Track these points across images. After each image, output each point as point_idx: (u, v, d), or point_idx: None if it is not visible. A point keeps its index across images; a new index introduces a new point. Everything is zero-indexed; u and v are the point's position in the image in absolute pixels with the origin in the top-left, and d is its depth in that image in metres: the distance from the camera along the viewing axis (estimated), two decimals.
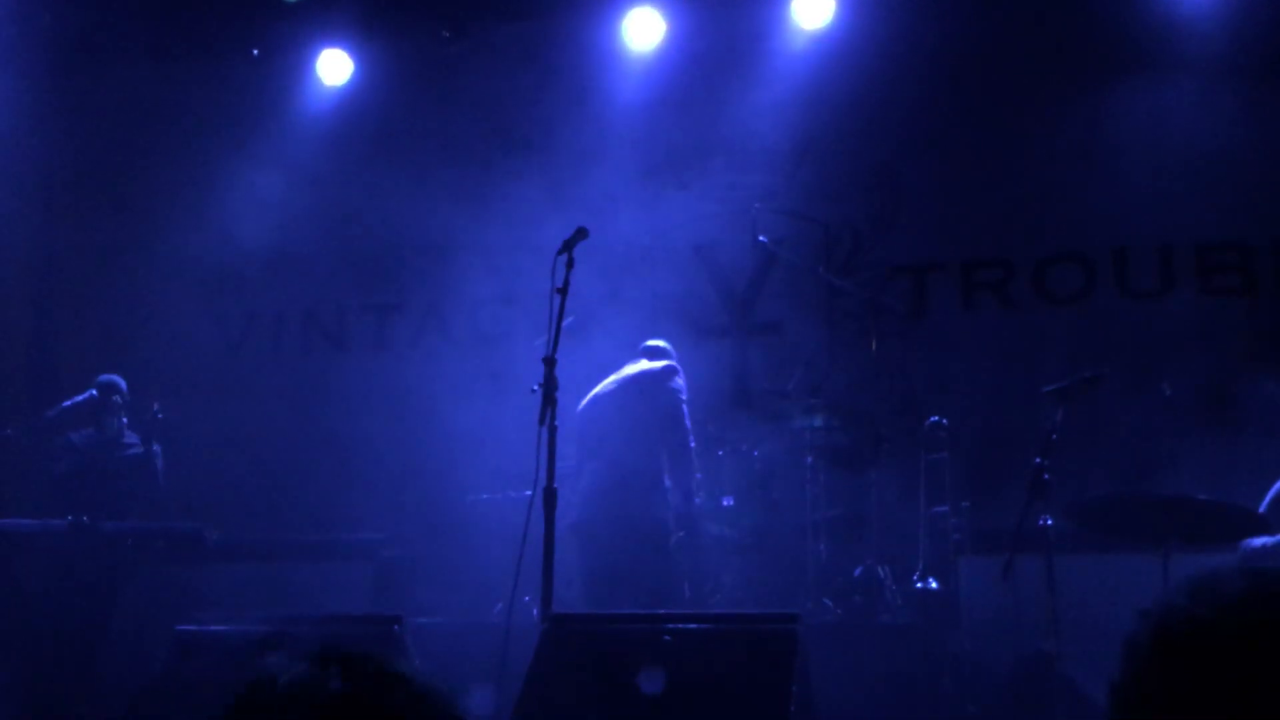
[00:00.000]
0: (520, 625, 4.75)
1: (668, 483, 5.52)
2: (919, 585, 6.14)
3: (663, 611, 3.68)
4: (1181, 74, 7.09)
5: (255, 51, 8.48)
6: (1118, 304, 7.31)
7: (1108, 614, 5.54)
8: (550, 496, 4.21)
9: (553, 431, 4.26)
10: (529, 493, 4.45)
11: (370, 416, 8.01)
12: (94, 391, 6.31)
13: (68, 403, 6.25)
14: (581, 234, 4.51)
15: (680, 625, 3.35)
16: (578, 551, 5.46)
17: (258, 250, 8.39)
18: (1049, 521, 4.67)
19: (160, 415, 6.42)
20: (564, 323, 4.58)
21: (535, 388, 4.35)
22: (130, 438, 6.67)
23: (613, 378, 5.84)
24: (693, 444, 5.65)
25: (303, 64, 8.47)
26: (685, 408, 5.66)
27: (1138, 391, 6.53)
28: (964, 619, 5.87)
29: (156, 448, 6.61)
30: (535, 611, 5.33)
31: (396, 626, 3.59)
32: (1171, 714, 1.26)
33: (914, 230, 7.73)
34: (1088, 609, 5.55)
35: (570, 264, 4.47)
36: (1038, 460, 4.63)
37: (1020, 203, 7.51)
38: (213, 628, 3.67)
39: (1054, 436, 4.64)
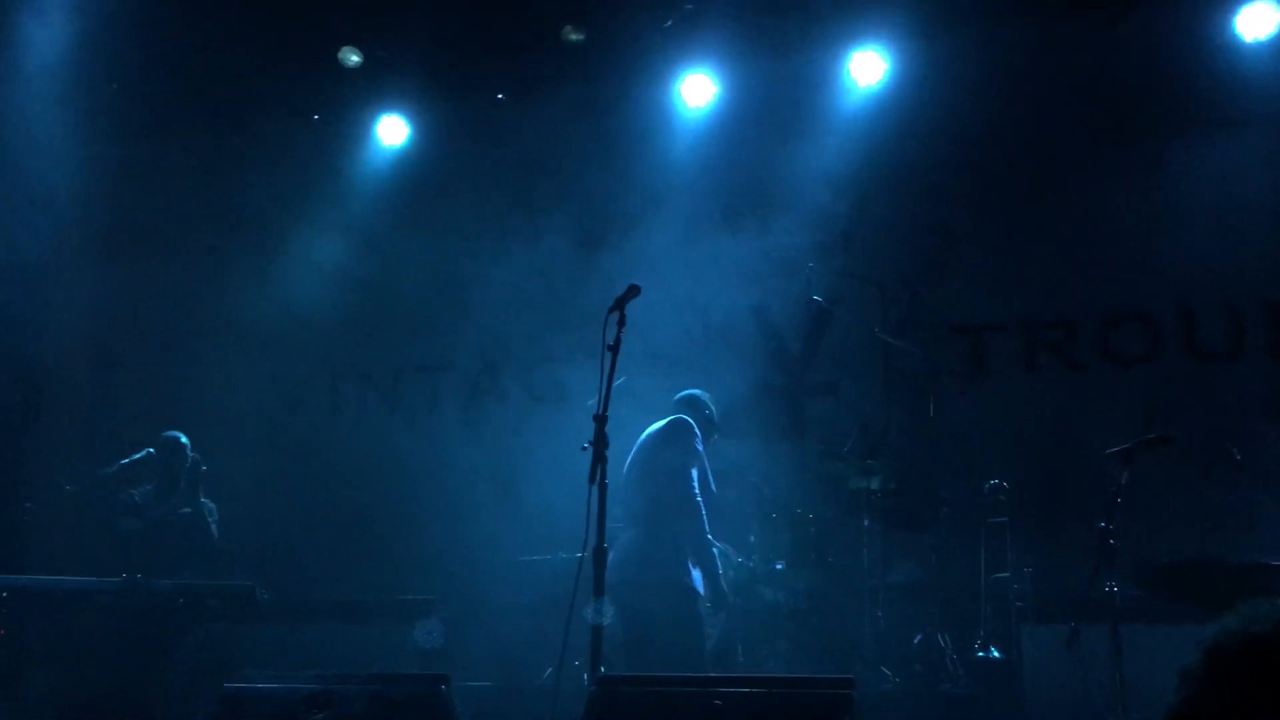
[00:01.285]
0: (569, 689, 4.67)
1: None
2: (980, 654, 5.96)
3: (713, 675, 3.59)
4: (1246, 127, 6.95)
5: (316, 116, 8.66)
6: (1186, 365, 7.12)
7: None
8: (600, 556, 4.14)
9: (603, 490, 4.19)
10: (580, 554, 4.38)
11: (423, 476, 8.02)
12: (151, 450, 6.38)
13: (125, 460, 6.32)
14: (633, 291, 4.47)
15: (731, 689, 3.25)
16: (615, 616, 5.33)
17: (316, 310, 8.51)
18: (1115, 588, 4.51)
19: (203, 468, 6.47)
20: (615, 382, 4.53)
21: (585, 446, 4.30)
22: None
23: (641, 437, 5.68)
24: (698, 502, 5.29)
25: (361, 128, 8.65)
26: (691, 466, 5.33)
27: (1207, 454, 6.34)
28: (1028, 690, 5.67)
29: (210, 504, 6.64)
30: (585, 676, 5.24)
31: (444, 686, 3.53)
32: None
33: (973, 289, 7.62)
34: (1157, 679, 5.30)
35: (622, 322, 4.43)
36: (1102, 525, 4.49)
37: (1082, 261, 7.38)
38: (260, 685, 3.63)
39: (1119, 500, 4.50)
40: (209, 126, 8.86)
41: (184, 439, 6.70)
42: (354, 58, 8.14)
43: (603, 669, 4.24)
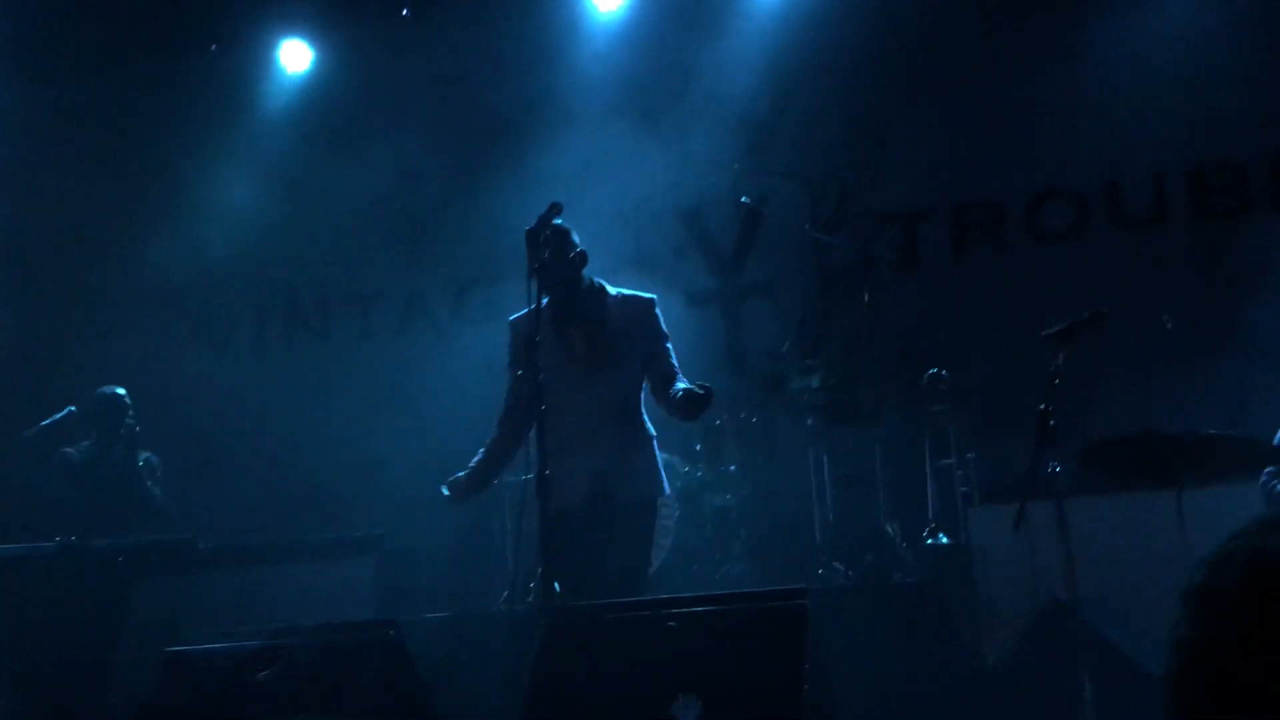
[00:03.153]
0: (524, 614, 4.65)
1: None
2: (930, 541, 6.03)
3: (665, 596, 3.57)
4: None
5: (213, 47, 8.30)
6: (1113, 237, 7.15)
7: (1124, 556, 5.45)
8: (544, 482, 4.07)
9: (540, 415, 4.11)
10: (525, 476, 4.31)
11: (361, 408, 7.89)
12: (73, 409, 6.15)
13: (46, 421, 6.10)
14: (555, 209, 4.33)
15: (684, 610, 3.23)
16: None
17: (235, 248, 8.24)
18: (1058, 467, 4.54)
19: (136, 427, 6.27)
20: (543, 303, 4.42)
21: (519, 371, 4.21)
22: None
23: None
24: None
25: (262, 55, 8.31)
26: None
27: (1139, 327, 6.39)
28: (978, 572, 5.77)
29: (153, 459, 6.46)
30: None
31: (393, 631, 3.47)
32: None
33: (901, 178, 7.56)
34: (1104, 553, 5.44)
35: (546, 241, 4.31)
36: (1042, 406, 4.50)
37: (1007, 141, 7.35)
38: (203, 647, 3.55)
39: (1057, 380, 4.50)
40: (102, 66, 8.48)
41: (121, 392, 6.44)
42: None
43: (557, 586, 4.20)
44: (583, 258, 4.52)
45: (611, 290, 4.64)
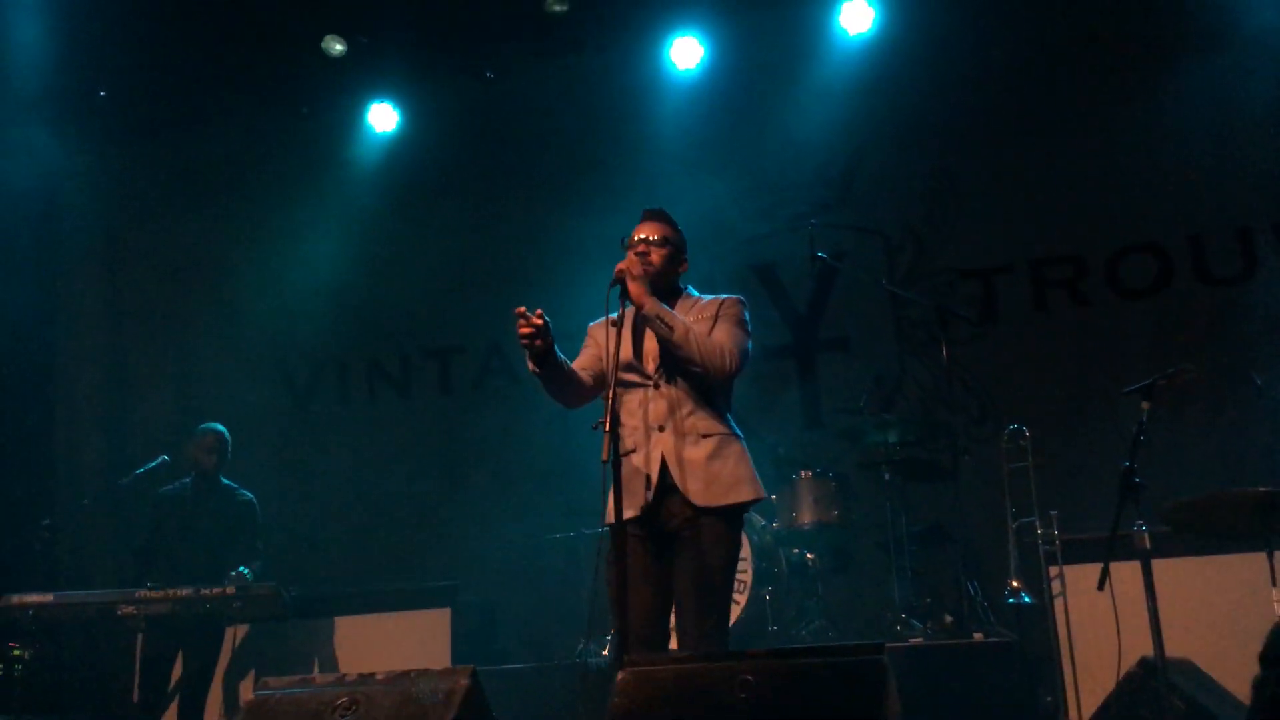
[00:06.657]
0: (600, 665, 4.67)
1: None
2: (1011, 600, 5.92)
3: (742, 650, 3.56)
4: (1244, 47, 6.83)
5: (305, 109, 8.58)
6: (1198, 293, 7.02)
7: (1213, 617, 5.31)
8: (617, 531, 4.10)
9: (617, 467, 4.14)
10: (601, 529, 4.35)
11: (441, 459, 8.00)
12: (165, 457, 6.30)
13: (140, 469, 6.26)
14: (633, 264, 4.40)
15: (760, 662, 3.21)
16: None
17: (320, 301, 8.46)
18: (1143, 526, 4.46)
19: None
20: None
21: (595, 425, 4.25)
22: (228, 485, 6.52)
23: None
24: None
25: (351, 115, 8.57)
26: None
27: (1227, 383, 6.26)
28: (1061, 632, 5.66)
29: (249, 495, 6.51)
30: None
31: (468, 679, 3.50)
32: None
33: (979, 232, 7.51)
34: (1191, 613, 5.32)
35: (624, 295, 4.37)
36: (1126, 463, 4.43)
37: (1088, 195, 7.27)
38: (285, 691, 3.60)
39: (1141, 438, 4.44)
40: (199, 125, 8.81)
41: (222, 429, 6.54)
42: (338, 46, 8.05)
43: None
44: None
45: None
